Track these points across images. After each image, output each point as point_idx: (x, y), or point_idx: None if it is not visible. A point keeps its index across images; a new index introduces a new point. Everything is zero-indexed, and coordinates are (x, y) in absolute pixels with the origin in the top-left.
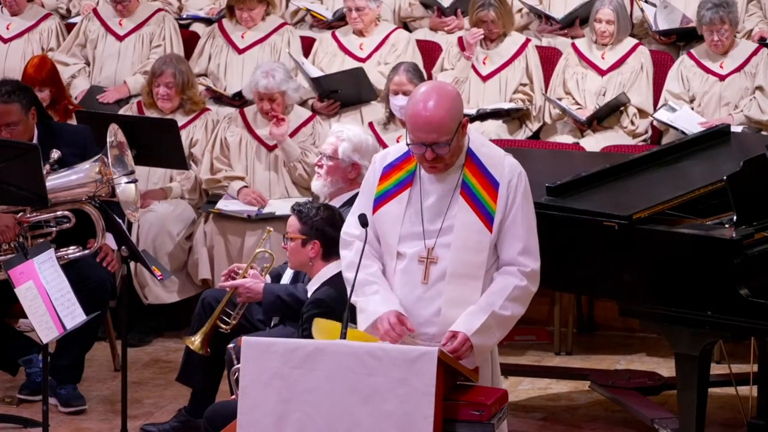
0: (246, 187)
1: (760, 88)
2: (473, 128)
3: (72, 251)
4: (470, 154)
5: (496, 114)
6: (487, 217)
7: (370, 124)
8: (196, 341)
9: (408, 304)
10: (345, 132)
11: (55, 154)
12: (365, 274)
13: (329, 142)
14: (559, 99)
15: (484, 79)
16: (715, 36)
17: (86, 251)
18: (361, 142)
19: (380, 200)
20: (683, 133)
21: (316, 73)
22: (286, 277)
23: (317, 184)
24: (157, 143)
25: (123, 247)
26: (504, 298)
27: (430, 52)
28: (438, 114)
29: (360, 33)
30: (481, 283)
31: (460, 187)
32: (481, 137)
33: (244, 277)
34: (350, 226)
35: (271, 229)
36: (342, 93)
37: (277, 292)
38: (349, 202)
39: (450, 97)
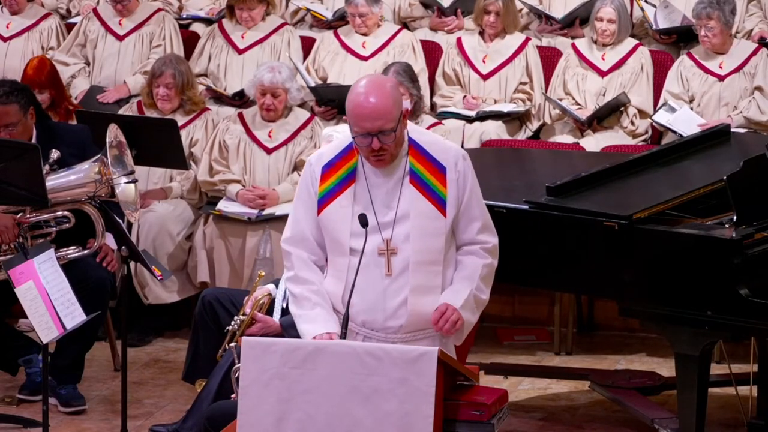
0: (243, 188)
1: (759, 88)
2: (472, 129)
3: (72, 251)
4: (412, 142)
5: (495, 115)
6: (439, 202)
7: None
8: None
9: (373, 298)
10: (335, 135)
11: (55, 154)
12: (305, 289)
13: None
14: (560, 99)
15: (484, 77)
16: (703, 31)
17: (86, 251)
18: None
19: (324, 200)
20: (682, 136)
21: (313, 81)
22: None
23: None
24: (157, 143)
25: (123, 247)
26: (478, 279)
27: (430, 52)
28: (381, 102)
29: (363, 34)
30: (441, 268)
31: (408, 176)
32: (416, 126)
33: (251, 322)
34: (286, 234)
35: (263, 273)
36: (338, 103)
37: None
38: None
39: (390, 85)
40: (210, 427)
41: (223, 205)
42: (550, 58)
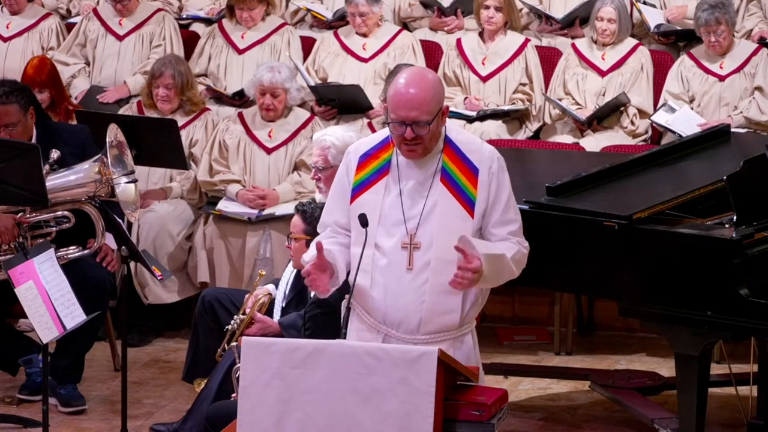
0: (243, 188)
1: (759, 88)
2: (472, 129)
3: (72, 251)
4: (448, 141)
5: (495, 114)
6: (468, 203)
7: (369, 124)
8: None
9: (394, 292)
10: (327, 138)
11: (55, 154)
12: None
13: (316, 154)
14: (560, 99)
15: (484, 79)
16: (713, 37)
17: (86, 251)
18: (345, 142)
19: (357, 190)
20: (681, 136)
21: (312, 81)
22: (284, 279)
23: (321, 198)
24: (157, 143)
25: (123, 247)
26: (513, 252)
27: (430, 52)
28: (421, 93)
29: (363, 34)
30: None
31: (439, 173)
32: (457, 126)
33: (251, 321)
34: (322, 219)
35: (264, 272)
36: (338, 102)
37: (292, 322)
38: None
39: (433, 80)
40: (210, 427)
41: (223, 205)
42: (550, 58)
